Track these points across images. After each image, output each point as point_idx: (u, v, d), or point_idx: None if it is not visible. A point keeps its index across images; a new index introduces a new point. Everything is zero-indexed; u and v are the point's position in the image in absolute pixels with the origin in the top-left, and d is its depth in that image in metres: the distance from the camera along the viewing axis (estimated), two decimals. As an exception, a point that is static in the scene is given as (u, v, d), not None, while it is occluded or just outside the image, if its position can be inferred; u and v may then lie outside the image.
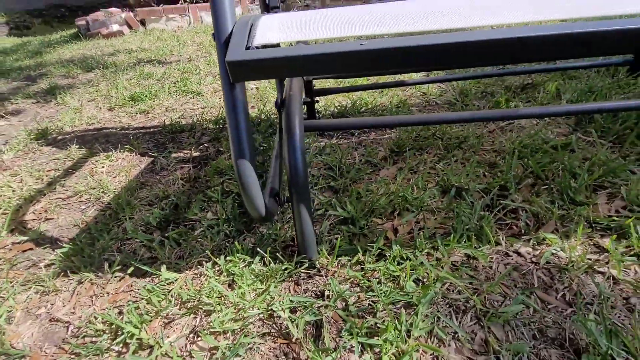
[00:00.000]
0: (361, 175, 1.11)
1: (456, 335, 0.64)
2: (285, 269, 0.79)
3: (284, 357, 0.65)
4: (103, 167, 1.34)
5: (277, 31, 0.60)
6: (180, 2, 4.64)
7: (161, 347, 0.68)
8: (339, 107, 1.58)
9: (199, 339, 0.69)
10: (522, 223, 0.85)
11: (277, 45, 0.63)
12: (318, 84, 1.87)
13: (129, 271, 0.85)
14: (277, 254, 0.82)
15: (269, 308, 0.71)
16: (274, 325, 0.70)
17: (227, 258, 0.83)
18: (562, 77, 1.61)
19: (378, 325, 0.66)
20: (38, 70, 2.82)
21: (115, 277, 0.85)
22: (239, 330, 0.69)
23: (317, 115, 1.54)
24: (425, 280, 0.74)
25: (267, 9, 0.98)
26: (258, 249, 0.82)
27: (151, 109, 1.83)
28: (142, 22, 4.43)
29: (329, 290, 0.74)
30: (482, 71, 1.63)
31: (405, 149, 1.22)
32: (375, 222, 0.92)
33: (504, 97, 1.48)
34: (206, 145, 1.42)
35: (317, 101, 1.53)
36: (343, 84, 1.79)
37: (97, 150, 1.47)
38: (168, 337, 0.70)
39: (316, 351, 0.63)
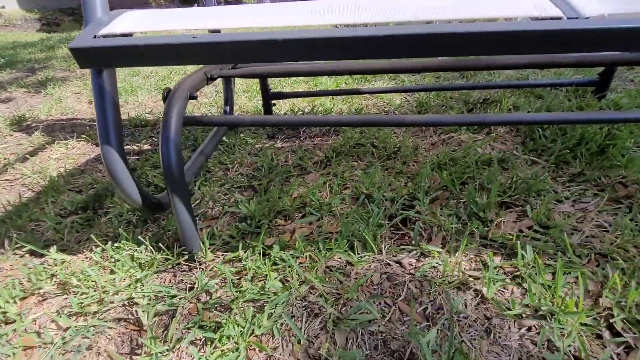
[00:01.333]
0: (287, 177, 1.11)
1: (295, 338, 0.63)
2: (167, 259, 0.80)
3: (129, 343, 0.66)
4: (56, 154, 1.40)
5: (129, 23, 0.62)
6: (195, 5, 4.82)
7: (22, 322, 0.70)
8: (300, 112, 1.59)
9: (60, 318, 0.71)
10: (414, 234, 0.83)
11: (130, 35, 0.64)
12: (281, 87, 1.90)
13: (26, 249, 0.88)
14: (163, 244, 0.83)
15: (132, 295, 0.72)
16: (132, 312, 0.71)
17: (115, 245, 0.84)
18: (527, 95, 1.57)
19: (226, 320, 0.65)
20: (43, 63, 2.98)
21: (15, 254, 0.88)
22: (96, 313, 0.70)
23: (273, 118, 1.56)
24: (291, 281, 0.73)
25: (185, 2, 1.01)
26: (140, 237, 0.83)
27: (125, 104, 1.90)
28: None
29: (198, 282, 0.75)
30: (443, 84, 1.60)
31: (341, 155, 1.21)
32: (279, 223, 0.92)
33: (459, 110, 1.46)
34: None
35: (274, 104, 1.55)
36: (304, 88, 1.80)
37: (58, 139, 1.53)
38: (35, 313, 0.72)
39: (153, 339, 0.63)
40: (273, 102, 1.55)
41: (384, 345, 0.62)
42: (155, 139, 1.47)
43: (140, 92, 2.03)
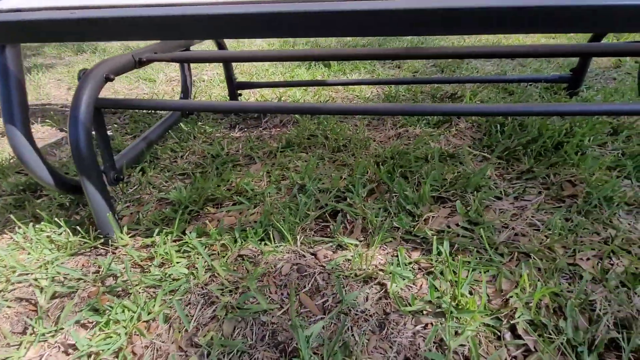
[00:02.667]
0: (233, 165, 1.09)
1: (180, 325, 0.62)
2: (85, 242, 0.80)
3: (23, 323, 0.65)
4: (19, 137, 1.41)
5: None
6: None
7: None
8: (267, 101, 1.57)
9: (-35, 296, 0.71)
10: (334, 227, 0.81)
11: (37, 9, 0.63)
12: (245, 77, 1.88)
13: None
14: (83, 228, 0.83)
15: (36, 277, 0.72)
16: (33, 292, 0.70)
17: (37, 226, 0.84)
18: (499, 91, 1.52)
19: (116, 305, 0.64)
20: (36, 50, 3.02)
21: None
22: (0, 292, 0.70)
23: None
24: (196, 268, 0.72)
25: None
26: (57, 219, 0.83)
27: (135, 88, 1.91)
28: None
29: (104, 266, 0.74)
30: (413, 77, 1.56)
31: (294, 145, 1.19)
32: (209, 210, 0.91)
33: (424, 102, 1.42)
34: (123, 126, 1.46)
35: (240, 94, 1.54)
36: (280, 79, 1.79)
37: (26, 123, 1.54)
38: (-57, 291, 0.72)
39: (40, 320, 0.62)
40: (239, 92, 1.54)
41: (272, 336, 0.60)
42: (120, 125, 1.47)
43: (118, 80, 2.04)
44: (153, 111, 1.50)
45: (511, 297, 0.64)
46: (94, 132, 0.87)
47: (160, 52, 0.93)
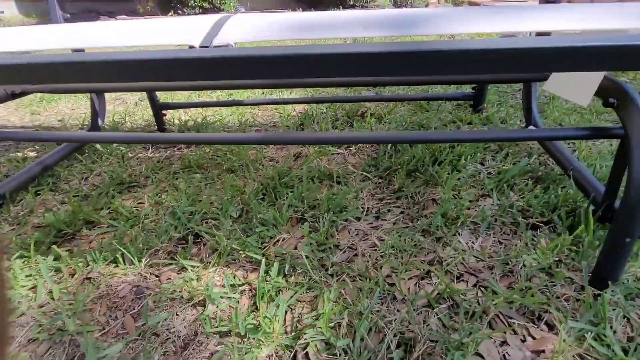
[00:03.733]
0: (127, 187, 1.14)
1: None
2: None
3: None
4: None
5: None
6: (187, 14, 4.93)
7: None
8: (193, 122, 1.62)
9: None
10: (185, 250, 0.85)
11: None
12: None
13: None
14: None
15: None
16: None
17: None
18: (415, 109, 1.57)
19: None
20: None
21: None
22: None
23: (165, 127, 1.60)
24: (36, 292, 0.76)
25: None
26: None
27: (44, 111, 1.97)
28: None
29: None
30: (327, 97, 1.61)
31: (193, 166, 1.24)
32: (84, 233, 0.95)
33: (341, 121, 1.47)
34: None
35: (165, 114, 1.59)
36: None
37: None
38: None
39: None
40: (163, 112, 1.59)
41: (82, 358, 0.64)
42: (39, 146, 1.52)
43: (62, 101, 2.10)
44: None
45: (308, 318, 0.68)
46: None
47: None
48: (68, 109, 2.01)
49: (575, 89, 0.67)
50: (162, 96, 1.62)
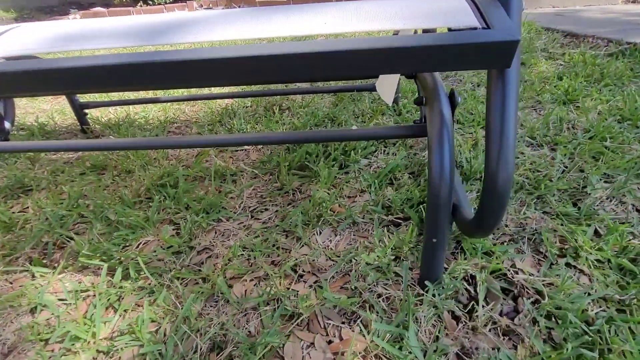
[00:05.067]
0: (19, 193, 1.15)
1: None
2: None
3: None
4: None
5: None
6: (157, 4, 4.84)
7: None
8: (117, 119, 1.62)
9: None
10: (51, 254, 0.86)
11: None
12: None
13: None
14: None
15: None
16: None
17: None
18: (336, 99, 1.55)
19: None
20: None
21: None
22: None
23: (88, 125, 1.59)
24: None
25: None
26: None
27: (25, 106, 1.96)
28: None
29: None
30: (244, 91, 1.58)
31: (97, 168, 1.24)
32: None
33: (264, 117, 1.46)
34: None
35: (87, 114, 1.58)
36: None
37: None
38: None
39: None
40: (85, 111, 1.59)
41: None
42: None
43: (44, 99, 2.08)
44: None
45: (131, 324, 0.69)
46: None
47: None
48: None
49: (386, 89, 0.66)
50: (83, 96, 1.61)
